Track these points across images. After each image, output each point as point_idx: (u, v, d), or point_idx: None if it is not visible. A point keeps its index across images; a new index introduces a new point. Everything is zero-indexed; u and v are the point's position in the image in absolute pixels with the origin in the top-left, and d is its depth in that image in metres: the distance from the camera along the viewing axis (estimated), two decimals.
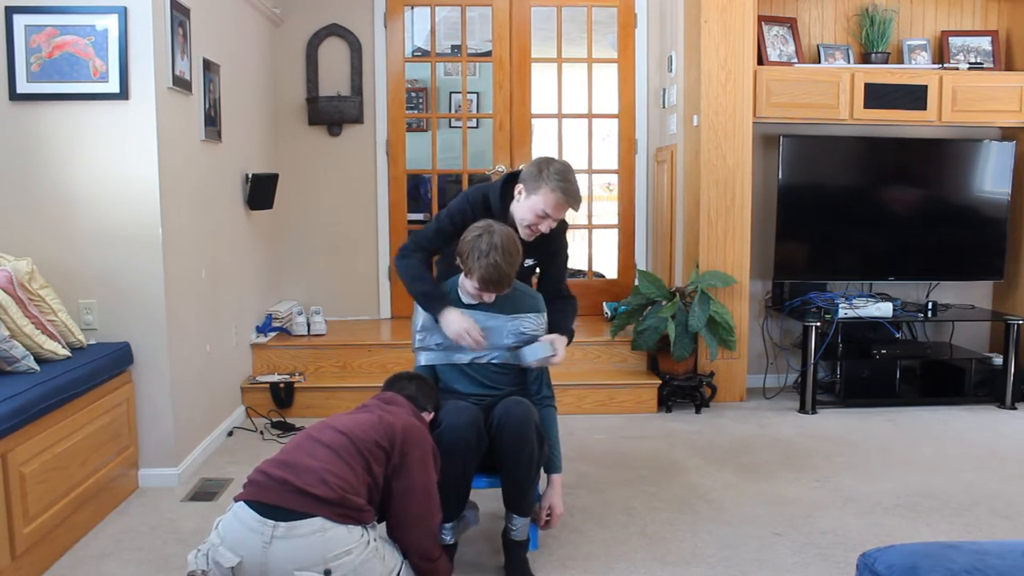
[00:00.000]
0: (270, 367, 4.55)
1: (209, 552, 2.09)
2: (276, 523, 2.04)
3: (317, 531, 2.04)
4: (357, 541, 2.09)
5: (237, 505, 2.12)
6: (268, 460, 2.20)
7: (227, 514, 2.13)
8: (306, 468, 2.11)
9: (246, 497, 2.11)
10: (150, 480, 3.37)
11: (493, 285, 2.54)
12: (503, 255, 2.49)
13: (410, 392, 2.49)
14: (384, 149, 5.22)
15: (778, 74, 4.59)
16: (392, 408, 2.37)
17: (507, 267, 2.51)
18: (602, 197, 6.69)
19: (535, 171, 2.67)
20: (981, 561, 1.69)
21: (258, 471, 2.16)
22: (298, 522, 2.04)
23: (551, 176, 2.63)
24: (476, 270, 2.52)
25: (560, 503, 2.70)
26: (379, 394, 2.50)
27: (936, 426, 4.26)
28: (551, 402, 2.75)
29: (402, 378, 2.57)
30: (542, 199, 2.65)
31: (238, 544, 2.05)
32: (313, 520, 2.05)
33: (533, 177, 2.66)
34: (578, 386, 4.45)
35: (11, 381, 2.66)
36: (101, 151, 3.20)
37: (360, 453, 2.18)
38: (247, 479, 2.17)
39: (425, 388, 2.55)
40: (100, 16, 3.13)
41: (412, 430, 2.30)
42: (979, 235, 4.83)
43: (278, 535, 2.03)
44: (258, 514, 2.06)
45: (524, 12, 5.21)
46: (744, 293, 4.63)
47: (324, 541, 2.04)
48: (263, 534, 2.04)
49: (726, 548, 2.84)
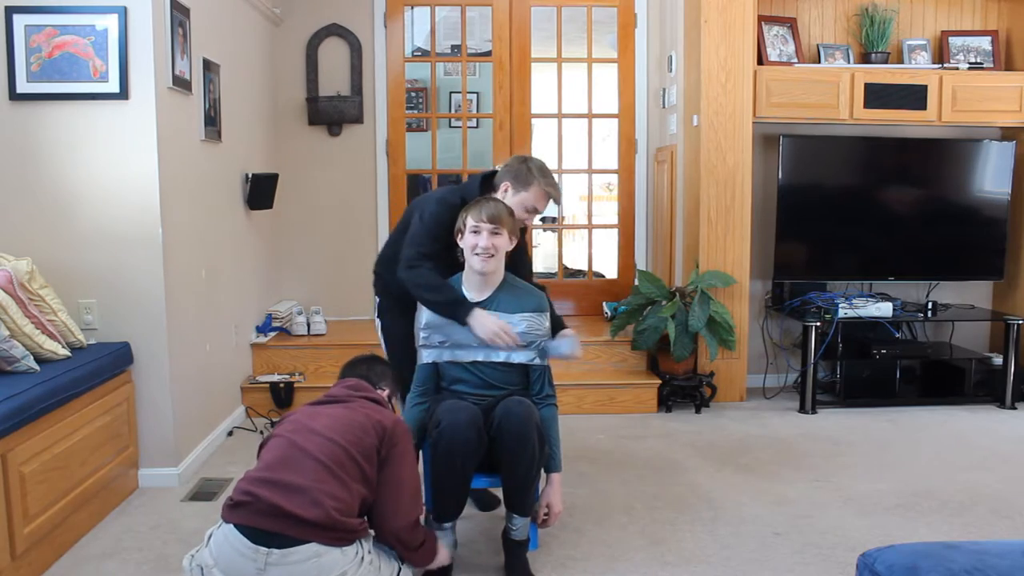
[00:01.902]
0: (270, 367, 4.55)
1: (203, 569, 2.06)
2: (269, 550, 1.99)
3: (312, 557, 2.01)
4: (351, 561, 2.07)
5: (227, 527, 2.05)
6: (252, 475, 2.10)
7: (218, 532, 2.08)
8: (296, 488, 2.03)
9: (236, 521, 2.04)
10: (150, 480, 3.37)
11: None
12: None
13: (362, 372, 2.48)
14: (384, 149, 5.23)
15: (778, 74, 4.59)
16: (366, 400, 2.33)
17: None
18: (602, 197, 6.69)
19: (522, 169, 2.80)
20: (981, 561, 1.69)
21: (243, 491, 2.06)
22: (292, 549, 2.00)
23: (537, 174, 2.79)
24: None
25: (559, 501, 2.70)
26: (342, 381, 2.46)
27: (936, 426, 4.26)
28: (553, 401, 2.75)
29: (356, 362, 2.57)
30: (532, 195, 2.79)
31: (231, 569, 2.02)
32: (307, 547, 2.00)
33: (520, 175, 2.79)
34: (578, 386, 4.45)
35: (11, 381, 2.66)
36: (101, 151, 3.20)
37: (355, 462, 2.12)
38: (232, 497, 2.08)
39: (376, 366, 2.54)
40: (100, 16, 3.13)
41: (400, 425, 2.29)
42: (979, 235, 4.83)
43: (272, 562, 1.99)
44: (249, 540, 2.01)
45: (524, 12, 5.22)
46: (744, 293, 4.63)
47: (319, 567, 2.01)
48: (256, 561, 2.00)
49: (726, 548, 2.84)
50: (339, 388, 2.40)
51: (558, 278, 5.59)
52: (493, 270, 2.67)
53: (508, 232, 2.65)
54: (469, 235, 2.64)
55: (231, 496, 2.10)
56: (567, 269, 5.80)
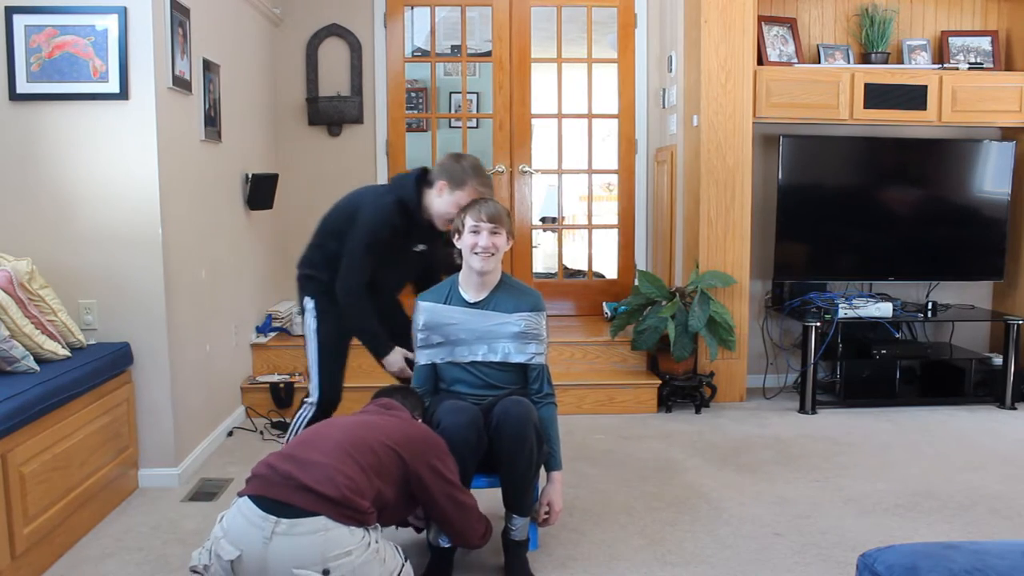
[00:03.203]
0: (270, 367, 4.55)
1: (212, 546, 2.09)
2: (278, 519, 2.03)
3: (319, 530, 2.04)
4: (358, 543, 2.08)
5: (241, 500, 2.11)
6: (275, 453, 2.20)
7: (231, 508, 2.13)
8: (313, 464, 2.11)
9: (250, 491, 2.11)
10: (150, 480, 3.37)
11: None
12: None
13: (398, 400, 2.55)
14: (384, 149, 5.23)
15: (778, 74, 4.59)
16: (402, 414, 2.43)
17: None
18: (602, 197, 6.70)
19: (457, 169, 2.83)
20: (981, 561, 1.69)
21: (264, 464, 2.16)
22: (300, 520, 2.04)
23: (472, 173, 2.82)
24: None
25: (559, 500, 2.70)
26: (377, 400, 2.55)
27: (936, 426, 4.26)
28: (552, 400, 2.75)
29: (390, 391, 2.66)
30: (467, 194, 2.80)
31: (239, 538, 2.05)
32: (316, 519, 2.04)
33: (456, 174, 2.82)
34: (578, 386, 4.45)
35: (11, 381, 2.66)
36: (101, 151, 3.20)
37: (376, 454, 2.18)
38: (252, 472, 2.17)
39: (410, 397, 2.63)
40: (100, 16, 3.12)
41: (431, 436, 2.38)
42: (979, 235, 4.83)
43: (279, 531, 2.03)
44: (261, 509, 2.05)
45: (524, 12, 5.22)
46: (744, 293, 4.63)
47: (325, 541, 2.04)
48: (264, 529, 2.03)
49: (726, 548, 2.84)
50: (372, 406, 2.50)
51: (558, 278, 5.59)
52: (492, 269, 2.68)
53: (507, 231, 2.66)
54: (468, 235, 2.65)
55: (250, 472, 2.18)
56: (567, 269, 5.80)
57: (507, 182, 5.32)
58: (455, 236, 2.70)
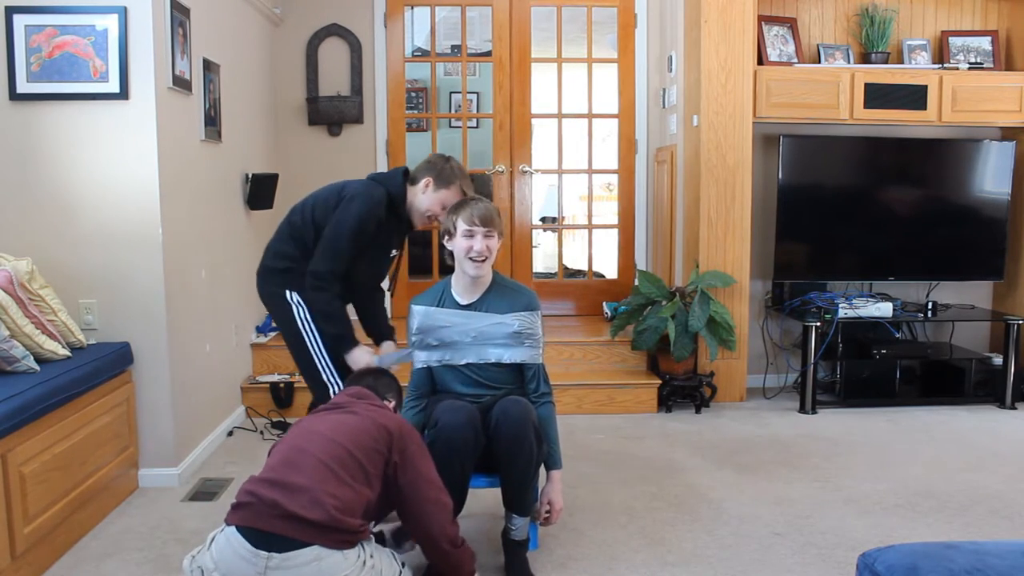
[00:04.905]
0: (270, 367, 4.55)
1: (203, 571, 2.05)
2: (270, 554, 1.98)
3: (312, 561, 2.00)
4: (353, 565, 2.06)
5: (229, 530, 2.05)
6: (256, 477, 2.11)
7: (220, 535, 2.07)
8: (298, 488, 2.03)
9: (237, 522, 2.04)
10: (150, 480, 3.37)
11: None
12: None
13: (368, 383, 2.50)
14: (384, 149, 5.23)
15: (778, 74, 4.59)
16: (370, 405, 2.35)
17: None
18: (602, 197, 6.69)
19: (446, 168, 2.85)
20: (981, 561, 1.69)
21: (246, 491, 2.07)
22: (293, 553, 1.99)
23: (459, 174, 2.86)
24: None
25: (560, 499, 2.70)
26: (346, 389, 2.49)
27: (936, 426, 4.26)
28: (549, 398, 2.74)
29: (363, 374, 2.62)
30: (452, 194, 2.83)
31: (232, 573, 2.02)
32: (308, 550, 2.00)
33: (444, 173, 2.85)
34: (578, 386, 4.45)
35: (11, 381, 2.66)
36: (101, 151, 3.20)
37: (359, 464, 2.13)
38: (236, 499, 2.09)
39: (383, 379, 2.57)
40: (100, 16, 3.12)
41: (404, 425, 2.33)
42: (979, 235, 4.83)
43: (272, 566, 1.99)
44: (250, 543, 2.00)
45: (524, 12, 5.22)
46: (744, 293, 4.63)
47: (319, 571, 2.01)
48: (256, 565, 1.99)
49: (726, 548, 2.84)
50: (343, 396, 2.42)
51: (558, 278, 5.59)
52: (485, 273, 2.68)
53: (498, 232, 2.66)
54: (461, 238, 2.63)
55: (235, 499, 2.10)
56: (567, 269, 5.80)
57: (507, 182, 5.32)
58: (445, 237, 2.69)
